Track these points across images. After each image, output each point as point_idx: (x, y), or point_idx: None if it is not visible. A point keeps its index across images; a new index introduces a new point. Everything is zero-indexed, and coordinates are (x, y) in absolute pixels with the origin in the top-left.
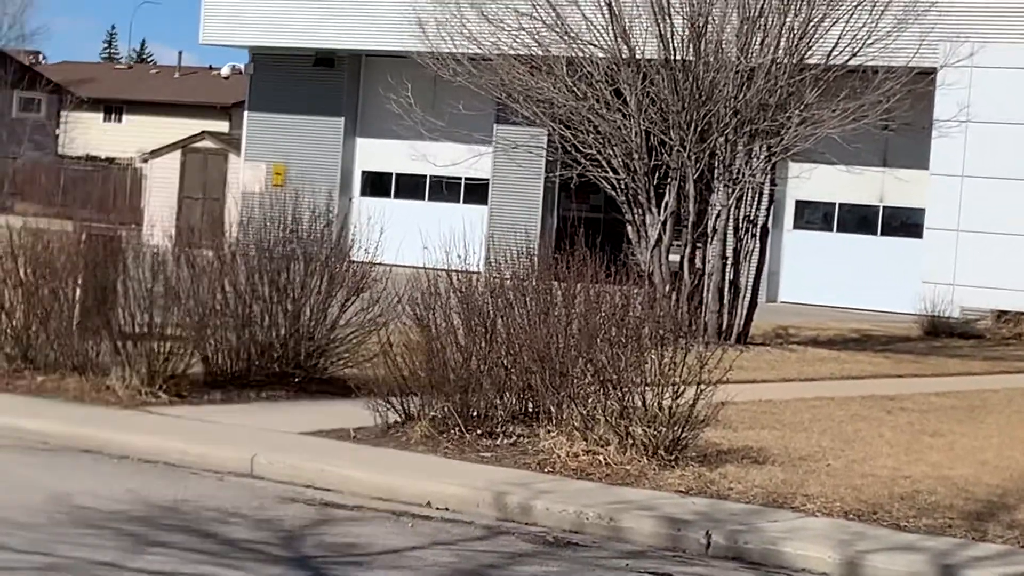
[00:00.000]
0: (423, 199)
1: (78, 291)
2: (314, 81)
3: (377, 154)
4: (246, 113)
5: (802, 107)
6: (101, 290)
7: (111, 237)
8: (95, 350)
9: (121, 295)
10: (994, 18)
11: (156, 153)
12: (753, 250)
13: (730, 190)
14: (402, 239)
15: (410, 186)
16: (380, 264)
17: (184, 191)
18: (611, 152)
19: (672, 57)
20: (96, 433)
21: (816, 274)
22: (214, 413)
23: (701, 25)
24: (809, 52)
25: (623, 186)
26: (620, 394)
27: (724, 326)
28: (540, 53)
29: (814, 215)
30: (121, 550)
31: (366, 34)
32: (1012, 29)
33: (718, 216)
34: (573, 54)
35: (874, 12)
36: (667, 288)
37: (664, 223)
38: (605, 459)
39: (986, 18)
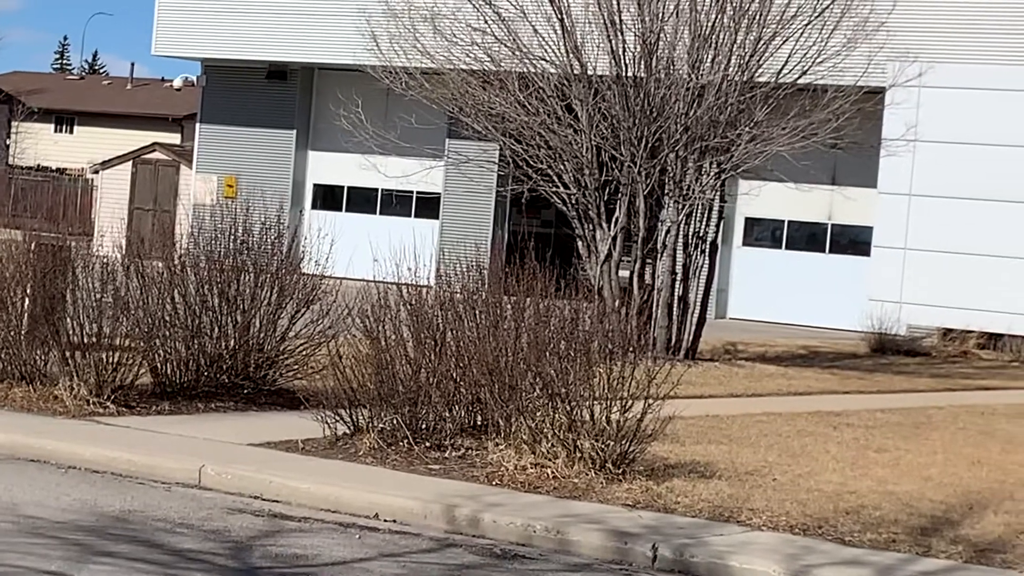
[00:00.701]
0: (374, 212)
1: (27, 301)
2: (266, 94)
3: (329, 167)
4: (198, 125)
5: (752, 124)
6: (50, 300)
7: (61, 247)
8: (43, 360)
9: (70, 305)
10: (942, 39)
11: (107, 164)
12: (702, 266)
13: (680, 206)
14: (353, 252)
15: (361, 199)
16: (331, 277)
17: (135, 202)
18: (562, 167)
19: (623, 73)
20: (44, 443)
21: (765, 291)
22: (162, 424)
23: (653, 42)
24: (759, 70)
25: (574, 201)
26: (568, 408)
27: (673, 341)
28: (492, 68)
29: (763, 232)
30: (68, 560)
31: (319, 47)
32: (960, 50)
33: (668, 232)
34: (525, 69)
35: (824, 31)
36: (616, 303)
37: (614, 238)
38: (553, 472)
39: (934, 38)
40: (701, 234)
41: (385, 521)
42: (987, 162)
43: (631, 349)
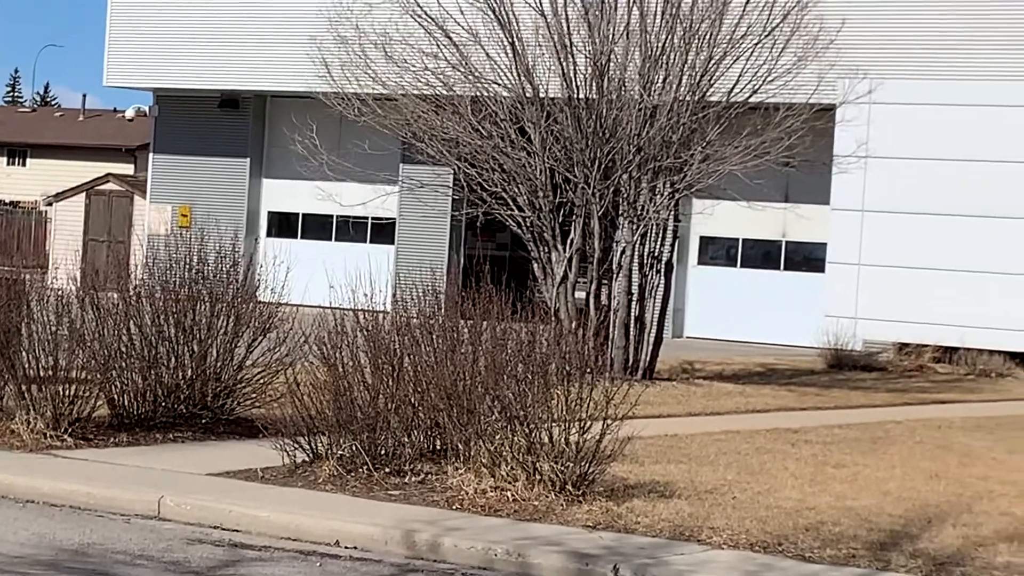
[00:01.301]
0: (330, 239)
1: None
2: (219, 122)
3: (283, 194)
4: (151, 155)
5: (705, 144)
6: (5, 334)
7: (15, 280)
8: None
9: (25, 338)
10: (891, 55)
11: (60, 196)
12: (658, 286)
13: (635, 226)
14: (309, 279)
15: (316, 226)
16: (287, 304)
17: (89, 234)
18: (516, 190)
19: (575, 95)
20: (0, 477)
21: (721, 309)
22: (120, 455)
23: (603, 63)
24: (711, 90)
25: (528, 224)
26: (527, 430)
27: (630, 362)
28: (445, 92)
29: (718, 251)
30: None
31: (271, 75)
32: (909, 66)
33: (623, 252)
34: (477, 93)
35: (774, 50)
36: (573, 324)
37: (570, 260)
38: (513, 495)
39: (883, 55)
40: (656, 254)
41: (346, 548)
42: (938, 177)
43: (588, 370)
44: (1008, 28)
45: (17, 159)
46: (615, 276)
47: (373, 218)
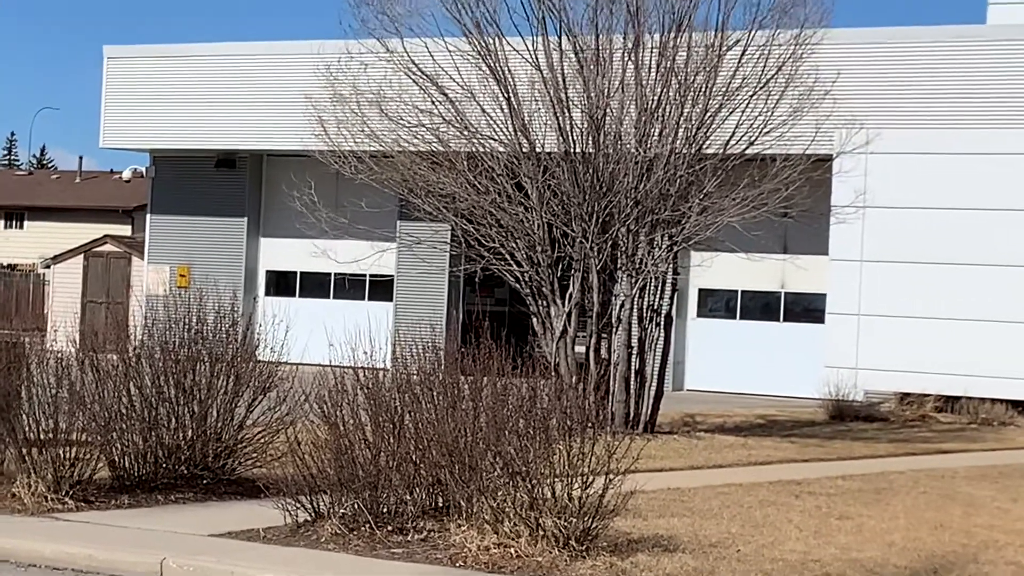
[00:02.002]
0: (328, 297)
1: None
2: (216, 182)
3: (281, 253)
4: (148, 216)
5: (702, 196)
6: (4, 396)
7: (14, 343)
8: (0, 458)
9: (25, 401)
10: (888, 105)
11: (58, 258)
12: (658, 339)
13: (633, 280)
14: (308, 337)
15: (314, 284)
16: (286, 363)
17: (87, 295)
18: (514, 245)
19: (572, 149)
20: (2, 542)
21: (721, 361)
22: (122, 517)
23: (599, 117)
24: (707, 142)
25: (527, 278)
26: (529, 486)
27: (631, 415)
28: (441, 148)
29: (717, 303)
30: None
31: (267, 134)
32: (905, 115)
33: (622, 306)
34: (473, 149)
35: (769, 101)
36: (573, 379)
37: (569, 314)
38: (516, 551)
39: (879, 105)
40: (655, 307)
41: None
42: (937, 226)
43: (590, 424)
44: (1005, 76)
45: (14, 222)
46: (615, 330)
47: (371, 275)
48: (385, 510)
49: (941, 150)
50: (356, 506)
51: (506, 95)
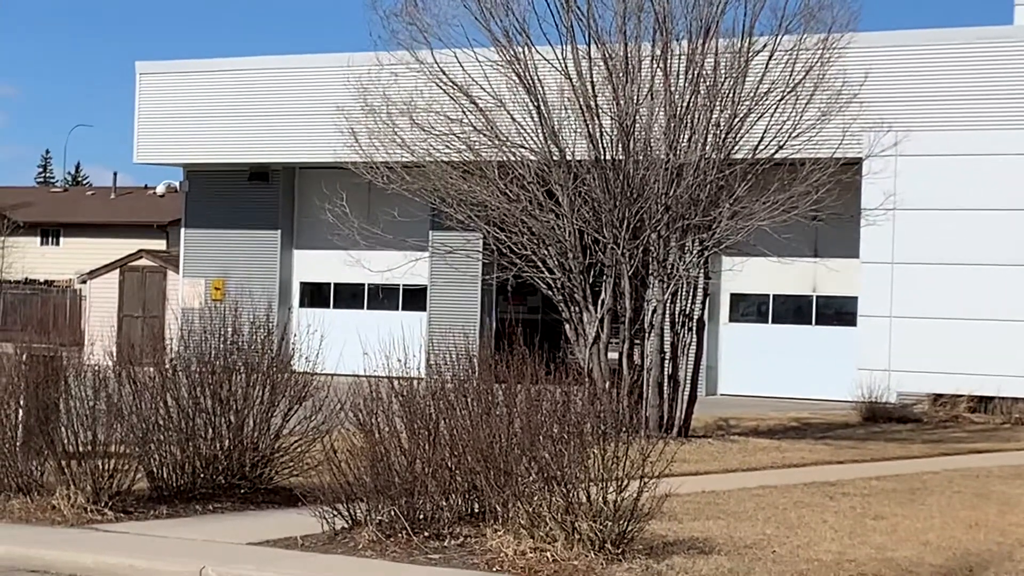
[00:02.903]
0: (362, 307)
1: (20, 412)
2: (249, 195)
3: (314, 265)
4: (183, 230)
5: (732, 201)
6: (44, 410)
7: (52, 357)
8: (39, 470)
9: (64, 414)
10: (915, 107)
11: (94, 273)
12: (690, 344)
13: (665, 285)
14: (343, 347)
15: (348, 295)
16: (321, 373)
17: (124, 310)
18: (546, 252)
19: (602, 156)
20: (43, 553)
21: (753, 365)
22: (161, 527)
23: (629, 124)
24: (736, 147)
25: (559, 285)
26: (565, 490)
27: (665, 420)
28: (472, 157)
29: (749, 307)
30: None
31: (299, 147)
32: (933, 117)
33: (654, 311)
34: (504, 157)
35: (797, 105)
36: (607, 384)
37: (601, 320)
38: (552, 556)
39: (908, 108)
40: (687, 312)
41: None
42: (966, 227)
43: (624, 429)
44: None
45: (51, 239)
46: (647, 335)
47: (404, 285)
48: (421, 516)
49: (970, 151)
50: (393, 513)
51: (536, 103)
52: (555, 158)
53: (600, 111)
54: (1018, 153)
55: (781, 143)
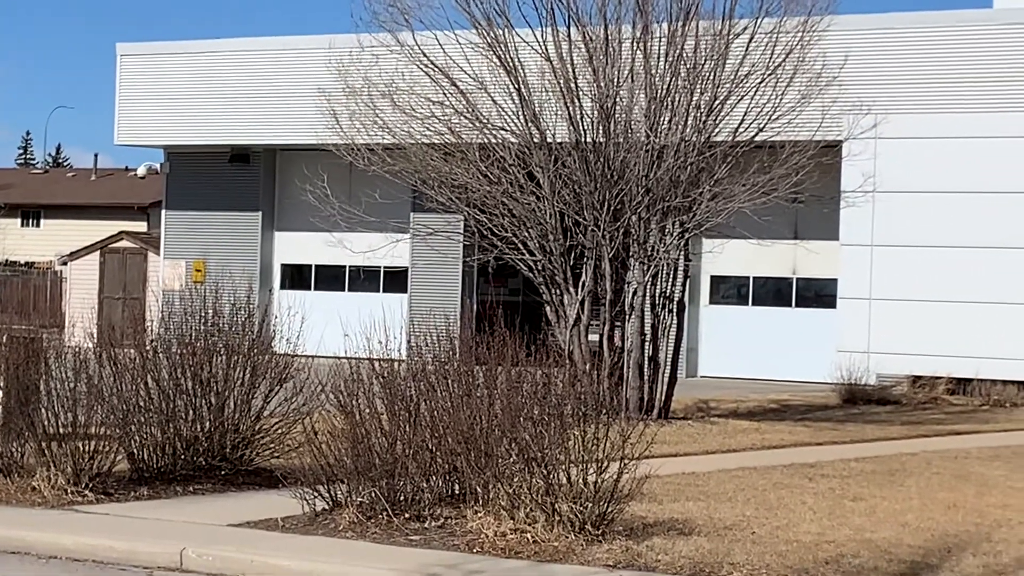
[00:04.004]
0: (343, 289)
1: (0, 394)
2: (230, 177)
3: (295, 246)
4: (164, 212)
5: (713, 183)
6: (24, 391)
7: (32, 339)
8: (20, 451)
9: (44, 396)
10: (895, 89)
11: (75, 255)
12: (671, 326)
13: (645, 267)
14: (324, 329)
15: (329, 277)
16: (302, 355)
17: (104, 291)
18: (527, 234)
19: (582, 139)
20: (23, 534)
21: (734, 347)
22: (141, 509)
23: (609, 106)
24: (716, 129)
25: (540, 267)
26: (545, 472)
27: (645, 401)
28: (453, 139)
29: (729, 289)
30: None
31: (280, 128)
32: (913, 100)
33: (635, 293)
34: (485, 139)
35: (777, 88)
36: (587, 366)
37: (582, 302)
38: (533, 537)
39: (887, 90)
40: (668, 294)
41: None
42: (946, 209)
43: (604, 411)
44: (1012, 60)
45: (31, 220)
46: (628, 317)
47: (386, 267)
48: (402, 498)
49: (949, 134)
50: (373, 494)
51: (517, 86)
52: (536, 140)
53: (580, 93)
54: (997, 136)
55: (761, 125)
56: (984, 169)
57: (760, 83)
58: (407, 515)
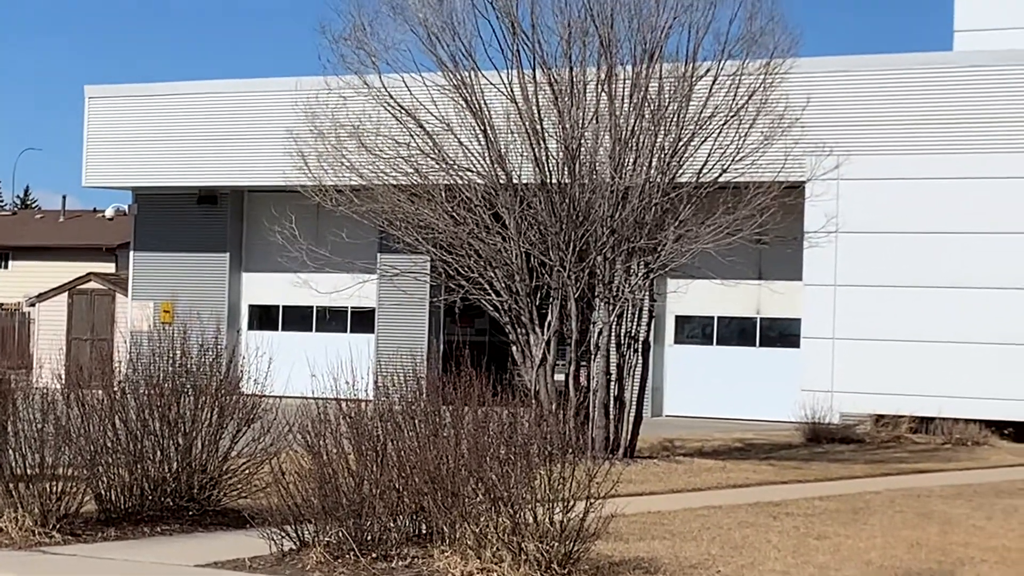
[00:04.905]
0: (310, 330)
1: None
2: (198, 218)
3: (263, 288)
4: (132, 253)
5: (677, 224)
6: None
7: (0, 380)
8: None
9: (11, 436)
10: (856, 131)
11: (43, 296)
12: (636, 365)
13: (611, 307)
14: (291, 369)
15: (297, 317)
16: (270, 395)
17: (72, 332)
18: (493, 275)
19: (548, 180)
20: None
21: (699, 387)
22: (109, 550)
23: (575, 148)
24: (681, 170)
25: (506, 307)
26: (512, 511)
27: (611, 441)
28: (419, 180)
29: (694, 329)
30: None
31: (247, 170)
32: (874, 142)
33: (600, 333)
34: (451, 180)
35: (740, 129)
36: (553, 406)
37: (548, 342)
38: None
39: (849, 132)
40: (633, 334)
41: None
42: (908, 249)
43: (570, 450)
44: (972, 103)
45: None
46: (593, 357)
47: (353, 308)
48: (369, 538)
49: (911, 175)
50: (340, 534)
51: (482, 127)
52: (502, 181)
53: (546, 135)
54: (958, 177)
55: (725, 167)
56: (946, 209)
57: (723, 125)
58: (374, 555)
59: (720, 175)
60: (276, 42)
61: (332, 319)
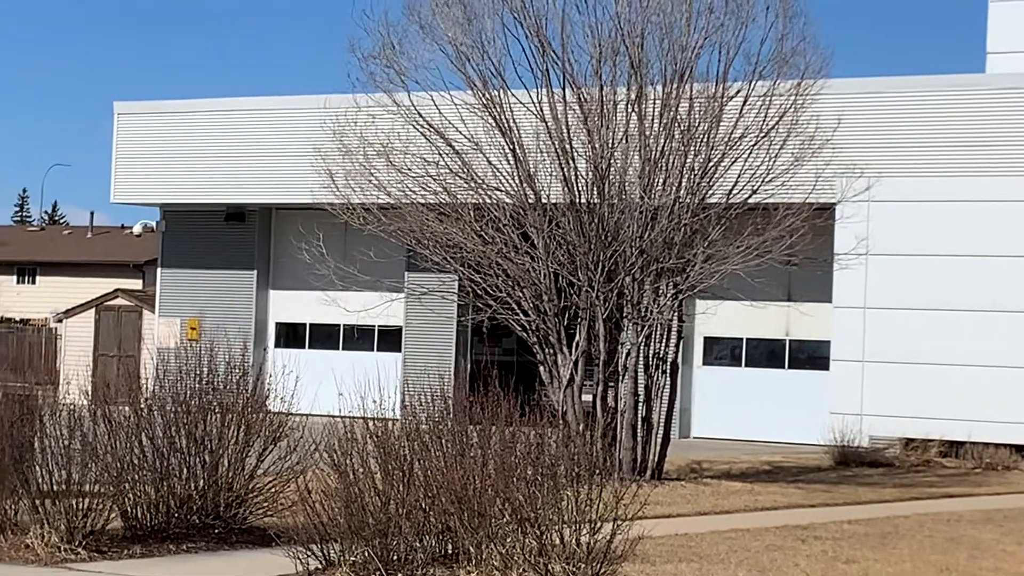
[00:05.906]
0: (337, 348)
1: None
2: (226, 235)
3: (290, 305)
4: (159, 270)
5: (706, 245)
6: (18, 449)
7: (27, 396)
8: (13, 509)
9: (38, 453)
10: (888, 153)
11: (70, 312)
12: (664, 387)
13: (639, 328)
14: (318, 388)
15: (324, 336)
16: (296, 413)
17: (99, 349)
18: (520, 294)
19: (577, 200)
20: None
21: (727, 409)
22: (134, 567)
23: (604, 168)
24: (710, 191)
25: (534, 327)
26: (538, 532)
27: (638, 462)
28: (448, 199)
29: (722, 351)
30: None
31: (276, 187)
32: (905, 164)
33: (628, 354)
34: (480, 199)
35: (771, 150)
36: (581, 427)
37: (575, 363)
38: None
39: (880, 154)
40: (661, 355)
41: None
42: (939, 272)
43: (597, 471)
44: (1004, 124)
45: (27, 278)
46: (621, 378)
47: (379, 326)
48: (395, 557)
49: (942, 197)
50: (367, 554)
51: (511, 146)
52: (530, 201)
53: (575, 154)
54: (990, 200)
55: (755, 187)
56: (977, 232)
57: (754, 145)
58: (400, 574)
59: (750, 196)
60: (305, 60)
61: (359, 337)
